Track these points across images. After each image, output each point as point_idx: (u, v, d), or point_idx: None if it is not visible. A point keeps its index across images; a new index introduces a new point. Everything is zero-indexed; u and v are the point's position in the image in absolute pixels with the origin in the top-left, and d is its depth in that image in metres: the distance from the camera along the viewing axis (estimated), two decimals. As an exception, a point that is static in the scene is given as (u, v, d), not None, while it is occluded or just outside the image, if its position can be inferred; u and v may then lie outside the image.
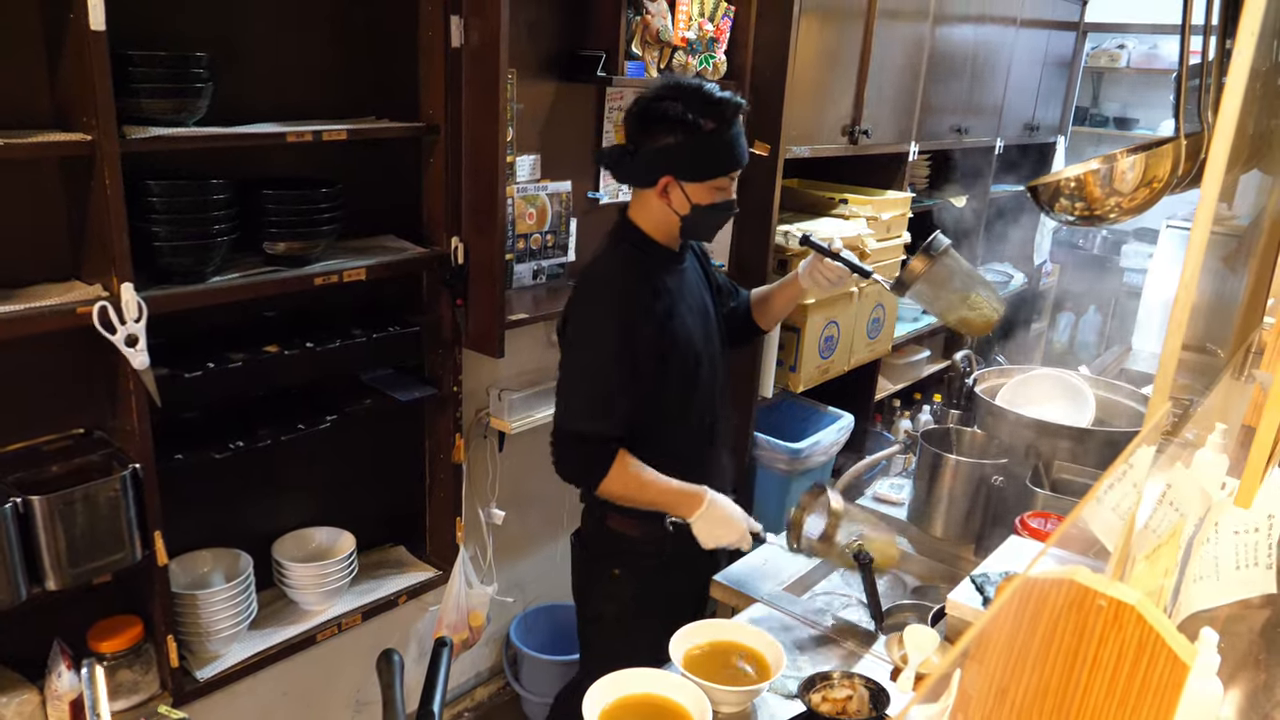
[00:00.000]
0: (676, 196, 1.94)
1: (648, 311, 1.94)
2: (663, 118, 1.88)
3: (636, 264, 1.99)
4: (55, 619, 2.11)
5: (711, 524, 2.00)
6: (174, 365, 2.03)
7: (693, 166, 1.92)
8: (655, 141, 1.90)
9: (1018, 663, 0.82)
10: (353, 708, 2.80)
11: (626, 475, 1.96)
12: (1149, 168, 1.55)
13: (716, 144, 1.91)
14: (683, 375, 2.03)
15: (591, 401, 1.95)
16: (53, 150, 1.81)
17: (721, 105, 1.89)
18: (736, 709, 1.66)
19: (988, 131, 4.44)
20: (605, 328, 1.93)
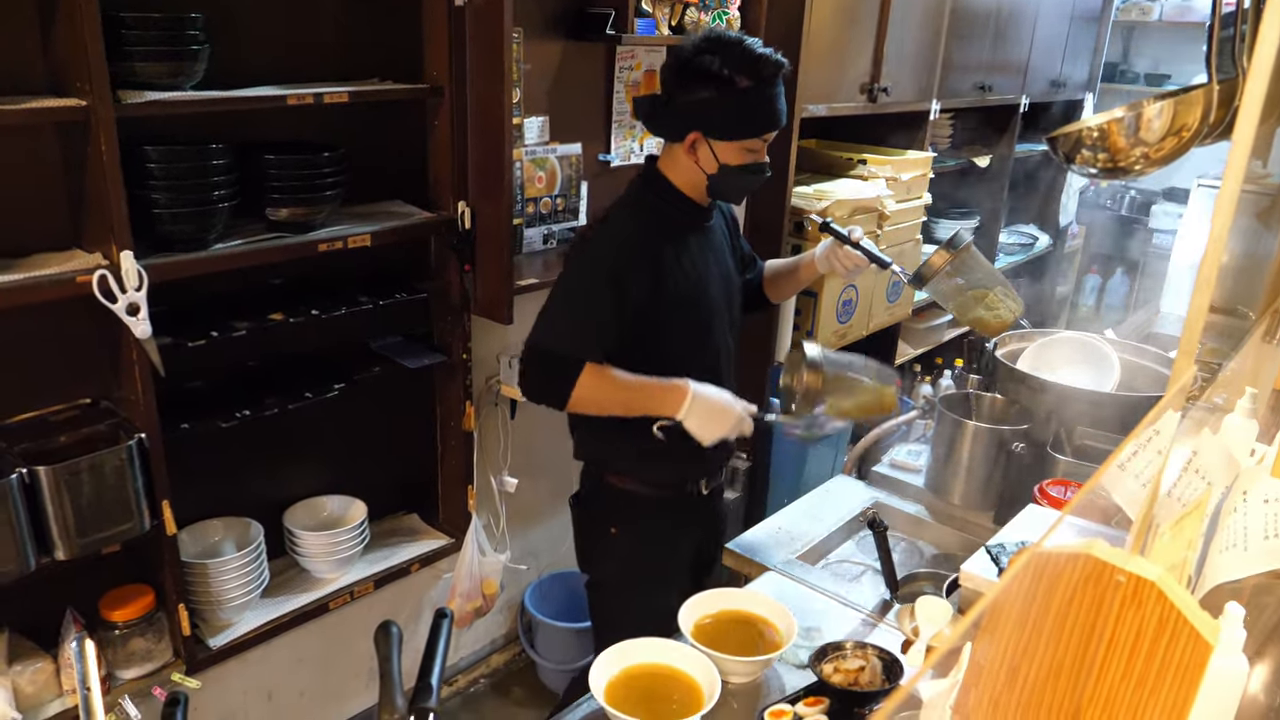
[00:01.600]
0: (704, 154, 1.88)
1: (650, 257, 1.89)
2: (698, 71, 1.82)
3: (654, 211, 1.95)
4: (67, 589, 2.11)
5: (703, 415, 1.88)
6: (177, 334, 2.01)
7: (724, 124, 1.86)
8: (689, 95, 1.84)
9: (1030, 640, 0.78)
10: (366, 675, 2.80)
11: (595, 379, 1.87)
12: (1178, 115, 1.47)
13: (751, 103, 1.84)
14: (691, 333, 1.98)
15: (570, 324, 1.89)
16: (47, 116, 1.78)
17: (759, 62, 1.81)
18: (747, 679, 1.63)
19: (1012, 89, 4.32)
20: (601, 260, 1.88)
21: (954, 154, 4.33)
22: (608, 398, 1.90)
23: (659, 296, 1.90)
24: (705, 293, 1.99)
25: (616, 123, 2.89)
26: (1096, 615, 0.73)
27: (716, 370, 2.04)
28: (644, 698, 1.51)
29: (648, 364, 1.91)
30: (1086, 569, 0.73)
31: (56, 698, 2.09)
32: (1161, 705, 0.70)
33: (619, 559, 2.14)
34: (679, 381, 1.89)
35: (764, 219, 3.12)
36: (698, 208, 1.99)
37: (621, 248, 1.88)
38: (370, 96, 2.20)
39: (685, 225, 1.98)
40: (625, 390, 1.89)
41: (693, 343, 2.00)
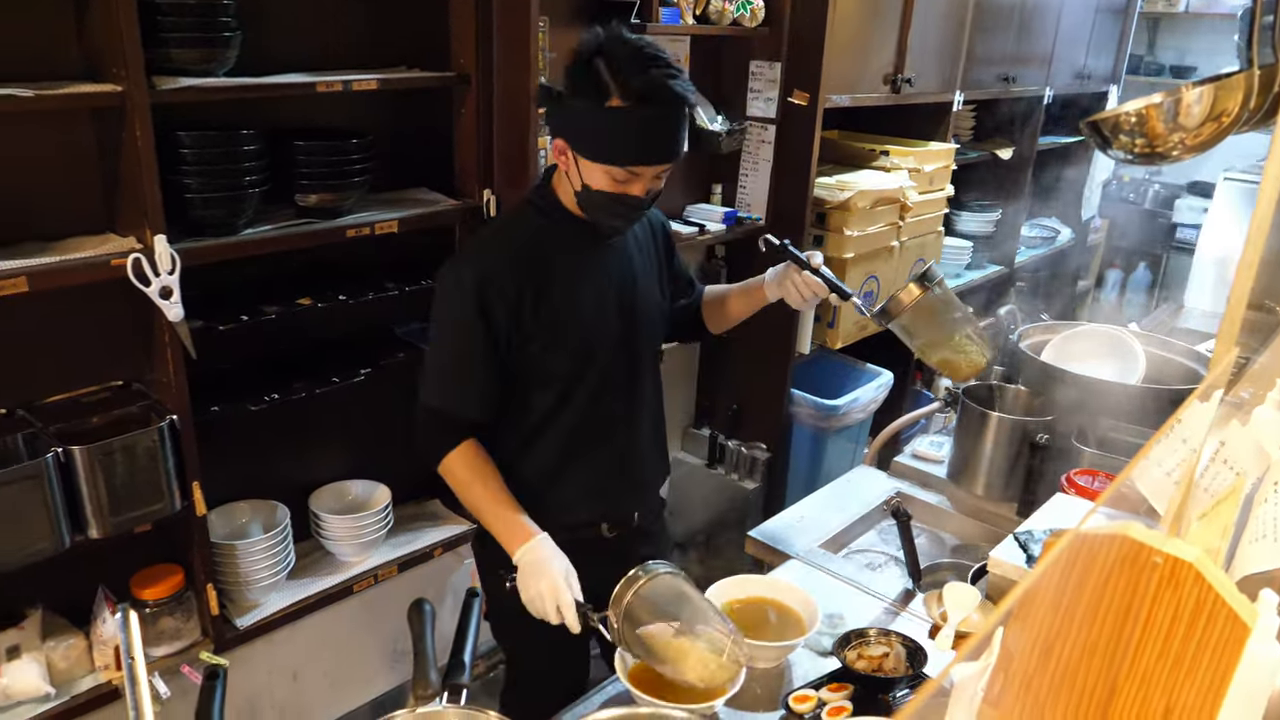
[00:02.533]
0: (571, 167, 1.65)
1: (505, 282, 1.67)
2: (582, 70, 1.58)
3: (522, 230, 1.75)
4: (99, 567, 2.15)
5: (526, 573, 1.63)
6: (208, 317, 2.04)
7: (586, 141, 1.61)
8: (569, 95, 1.62)
9: (1064, 620, 0.79)
10: (391, 657, 2.83)
11: (465, 465, 1.72)
12: (1218, 101, 1.46)
13: (622, 126, 1.57)
14: (564, 359, 1.76)
15: (440, 376, 1.74)
16: (83, 101, 1.80)
17: (642, 80, 1.54)
18: (771, 664, 1.65)
19: (1036, 80, 4.30)
20: (455, 299, 1.69)
21: (976, 146, 4.32)
22: (462, 490, 1.75)
23: (525, 325, 1.70)
24: (584, 318, 1.76)
25: (641, 112, 2.89)
26: (1132, 596, 0.74)
27: (600, 401, 1.82)
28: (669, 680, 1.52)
29: (528, 393, 1.77)
30: (1123, 550, 0.74)
31: (89, 673, 2.13)
32: (1198, 685, 0.71)
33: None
34: (532, 528, 1.68)
35: (786, 209, 3.13)
36: (585, 224, 1.73)
37: (480, 278, 1.67)
38: (398, 84, 2.22)
39: (567, 245, 1.75)
40: (476, 497, 1.73)
41: (572, 371, 1.77)
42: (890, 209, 3.32)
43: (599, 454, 1.85)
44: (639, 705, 1.34)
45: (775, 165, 3.09)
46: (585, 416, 1.80)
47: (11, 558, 1.82)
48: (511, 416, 1.78)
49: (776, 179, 3.10)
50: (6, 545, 1.81)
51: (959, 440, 2.33)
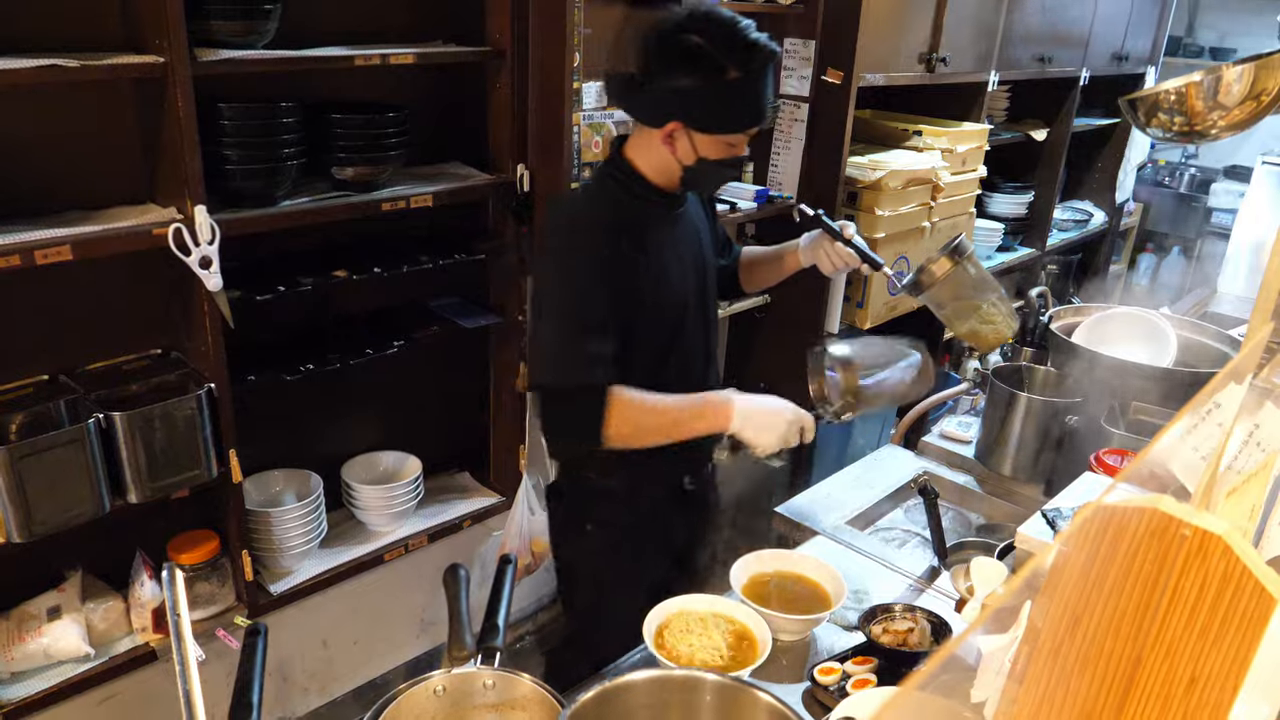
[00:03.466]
0: (683, 145, 1.70)
1: (618, 252, 1.71)
2: (684, 53, 1.61)
3: (616, 203, 1.78)
4: (138, 532, 2.20)
5: (758, 423, 1.73)
6: (246, 288, 2.07)
7: (707, 116, 1.67)
8: (670, 78, 1.64)
9: (1093, 591, 0.80)
10: (419, 626, 2.88)
11: (629, 410, 1.71)
12: (1258, 79, 1.44)
13: (739, 95, 1.65)
14: (662, 329, 1.82)
15: (572, 350, 1.71)
16: (126, 72, 1.83)
17: (753, 51, 1.63)
18: (796, 637, 1.67)
19: (1073, 61, 4.24)
20: (578, 271, 1.71)
21: (1010, 127, 4.27)
22: (647, 426, 1.75)
23: (632, 292, 1.74)
24: (673, 287, 1.82)
25: (673, 89, 2.89)
26: (1160, 568, 0.75)
27: (689, 366, 1.91)
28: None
29: (627, 361, 1.76)
30: (1153, 523, 0.75)
31: (126, 635, 2.19)
32: (1223, 656, 0.72)
33: (591, 555, 1.99)
34: (720, 395, 1.76)
35: (819, 188, 3.12)
36: (668, 196, 1.81)
37: (590, 247, 1.71)
38: (434, 59, 2.23)
39: (649, 215, 1.80)
40: (664, 415, 1.74)
41: (666, 336, 1.84)
42: (922, 189, 3.30)
43: None
44: (671, 669, 1.36)
45: (807, 144, 3.08)
46: (674, 379, 1.83)
47: (53, 520, 1.87)
48: None
49: (808, 157, 3.09)
50: (48, 508, 1.86)
51: (987, 421, 2.33)
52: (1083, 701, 0.83)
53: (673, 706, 1.24)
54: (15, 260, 1.72)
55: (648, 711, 1.23)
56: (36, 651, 2.04)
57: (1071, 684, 0.84)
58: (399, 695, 1.21)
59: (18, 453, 1.79)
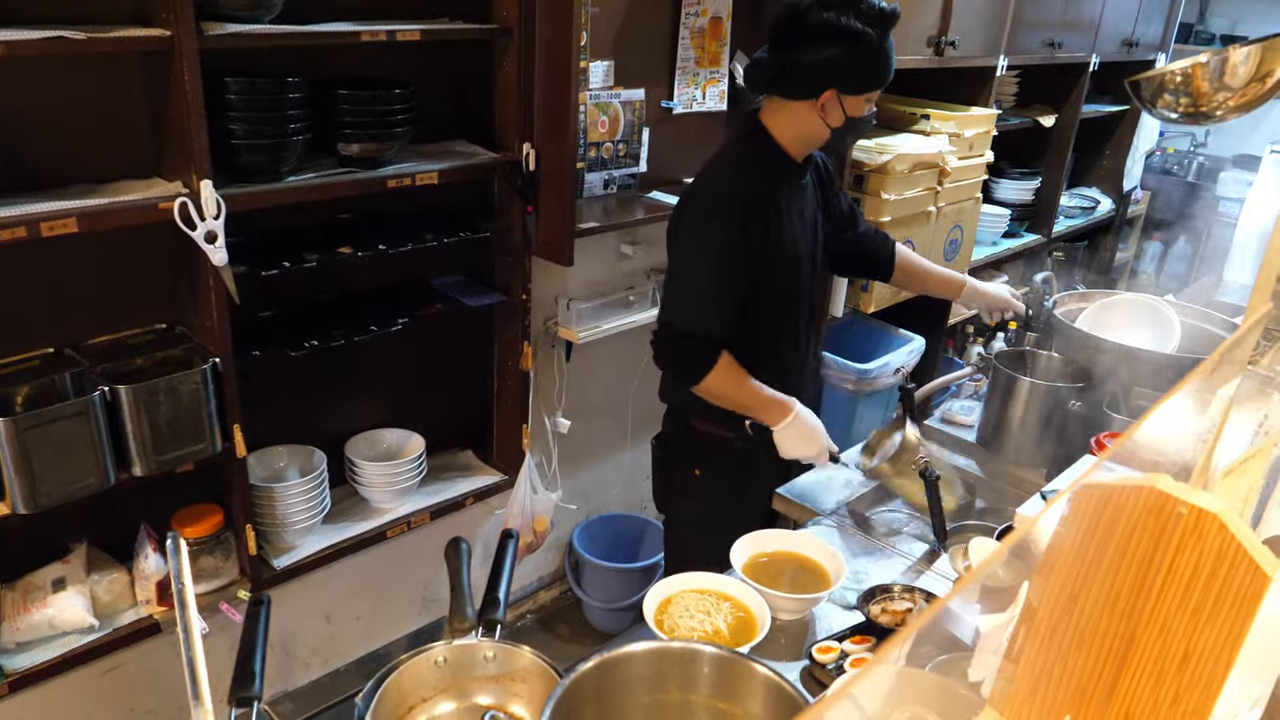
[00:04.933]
0: (834, 109, 1.91)
1: (761, 217, 1.93)
2: (824, 27, 1.82)
3: (758, 170, 1.97)
4: (142, 505, 2.21)
5: (795, 436, 2.02)
6: (251, 263, 2.07)
7: (857, 79, 1.88)
8: (818, 52, 1.84)
9: (1090, 569, 0.80)
10: (420, 602, 2.90)
11: (727, 375, 1.96)
12: (1264, 61, 1.44)
13: (879, 54, 1.87)
14: (784, 289, 2.03)
15: (698, 300, 1.95)
16: (132, 45, 1.83)
17: (883, 14, 1.84)
18: (795, 616, 1.68)
19: (1082, 47, 4.22)
20: (717, 228, 1.91)
21: (1019, 112, 4.25)
22: (729, 395, 2.00)
23: (765, 254, 1.94)
24: (799, 249, 2.03)
25: (680, 69, 2.89)
26: (1156, 546, 0.75)
27: (796, 326, 2.12)
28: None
29: (747, 318, 1.98)
30: (1150, 501, 0.75)
31: (130, 607, 2.21)
32: (1216, 632, 0.72)
33: (699, 500, 2.22)
34: (789, 400, 2.02)
35: (824, 171, 3.11)
36: (795, 164, 2.01)
37: (736, 210, 1.91)
38: (441, 35, 2.23)
39: (783, 182, 2.00)
40: (745, 394, 2.00)
41: (788, 298, 2.06)
42: (929, 174, 3.30)
43: (790, 375, 2.13)
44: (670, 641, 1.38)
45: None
46: (788, 340, 2.11)
47: (58, 492, 1.89)
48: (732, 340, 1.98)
49: (814, 140, 3.08)
50: (54, 480, 1.87)
51: (990, 405, 2.33)
52: (1078, 679, 0.83)
53: (671, 678, 1.25)
54: (21, 232, 1.72)
55: (646, 683, 1.24)
56: (41, 622, 2.06)
57: (1068, 662, 0.84)
58: (400, 665, 1.22)
59: (23, 424, 1.80)
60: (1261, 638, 0.73)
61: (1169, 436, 1.16)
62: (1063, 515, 0.84)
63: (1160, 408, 1.02)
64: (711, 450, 2.17)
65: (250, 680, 1.15)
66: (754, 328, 2.01)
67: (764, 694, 1.22)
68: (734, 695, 1.25)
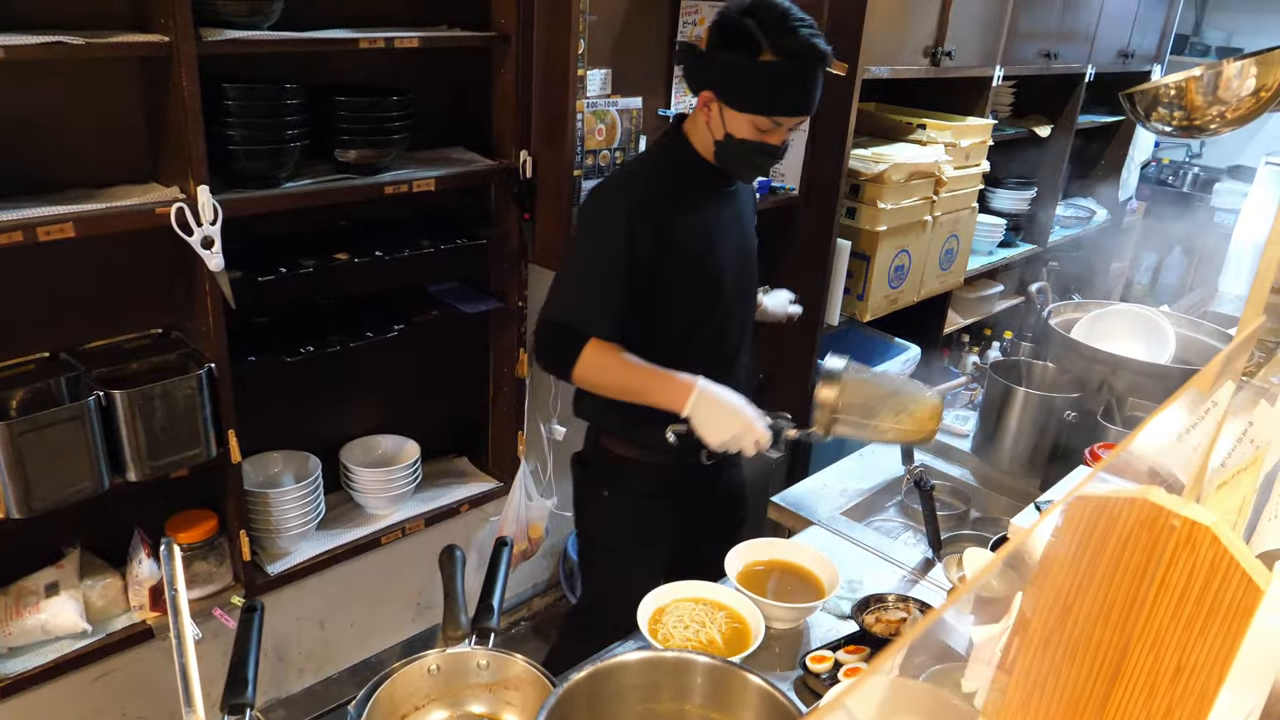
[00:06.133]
0: (714, 116, 1.81)
1: (656, 216, 1.81)
2: (731, 30, 1.76)
3: (667, 171, 1.89)
4: (136, 510, 2.21)
5: (711, 415, 1.76)
6: (247, 269, 2.07)
7: (735, 91, 1.77)
8: (717, 52, 1.79)
9: (1083, 581, 0.80)
10: (415, 609, 2.89)
11: (602, 356, 1.80)
12: (1258, 75, 1.45)
13: (772, 80, 1.75)
14: (697, 304, 1.92)
15: (574, 293, 1.85)
16: (131, 50, 1.83)
17: (792, 39, 1.72)
18: (789, 625, 1.68)
19: (1078, 58, 4.24)
20: (602, 223, 1.83)
21: (1015, 122, 4.27)
22: (612, 379, 1.84)
23: (665, 258, 1.83)
24: (715, 258, 1.92)
25: (677, 78, 2.89)
26: (1149, 559, 0.76)
27: (724, 341, 2.00)
28: (689, 636, 1.55)
29: (653, 329, 1.87)
30: (1142, 513, 0.76)
31: (124, 612, 2.20)
32: (1209, 646, 0.72)
33: (607, 522, 2.11)
34: (688, 376, 1.79)
35: (820, 181, 3.11)
36: (716, 171, 1.91)
37: (632, 208, 1.80)
38: (439, 42, 2.23)
39: (699, 189, 1.90)
40: (630, 373, 1.81)
41: (699, 309, 1.93)
42: (925, 183, 3.30)
43: (730, 385, 1.94)
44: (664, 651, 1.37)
45: (811, 135, 3.08)
46: (710, 354, 1.95)
47: (52, 497, 1.88)
48: (640, 352, 1.86)
49: (811, 149, 3.09)
50: (48, 484, 1.87)
51: (985, 415, 2.34)
52: (1071, 691, 0.84)
53: (664, 688, 1.25)
54: (18, 237, 1.72)
55: (639, 692, 1.24)
56: (34, 627, 2.05)
57: (1061, 673, 0.85)
58: (394, 673, 1.22)
59: (18, 428, 1.79)
60: (1254, 651, 0.74)
61: (1163, 448, 1.17)
62: (1056, 527, 0.85)
63: (1154, 420, 1.02)
64: (622, 471, 2.04)
65: (242, 687, 1.15)
66: (666, 335, 1.90)
67: (757, 704, 1.22)
68: (727, 705, 1.25)
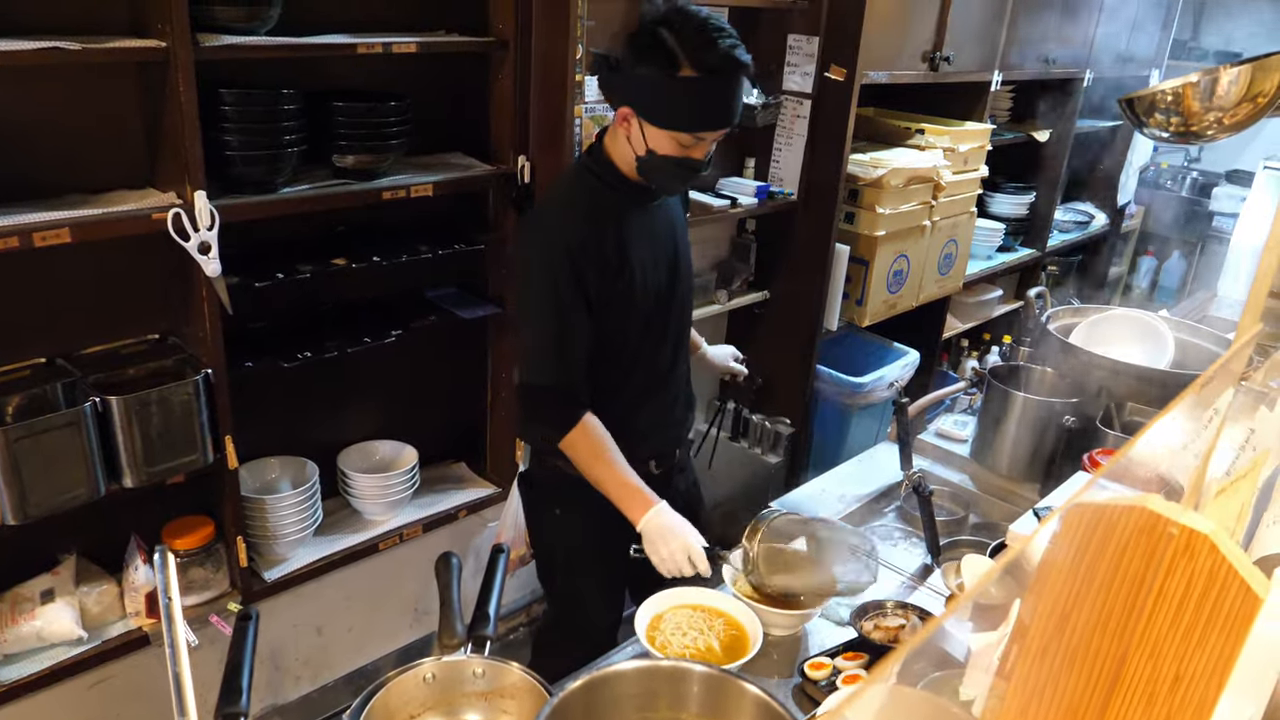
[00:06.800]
0: (635, 133, 1.73)
1: (595, 259, 1.77)
2: (647, 42, 1.66)
3: (589, 192, 1.82)
4: (133, 516, 2.20)
5: (657, 534, 1.74)
6: (245, 274, 2.07)
7: (654, 108, 1.69)
8: (633, 65, 1.69)
9: (1082, 588, 0.80)
10: (413, 615, 2.88)
11: (587, 441, 1.81)
12: (1254, 81, 1.44)
13: (692, 95, 1.67)
14: (631, 320, 1.87)
15: (543, 353, 1.80)
16: (128, 56, 1.83)
17: (712, 53, 1.64)
18: (787, 632, 1.67)
19: (1077, 62, 4.24)
20: (551, 272, 1.75)
21: (1013, 127, 4.27)
22: (589, 465, 1.83)
23: (606, 285, 1.80)
24: (649, 276, 1.87)
25: (676, 83, 2.89)
26: (1147, 567, 0.75)
27: (656, 359, 1.96)
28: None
29: (600, 351, 1.85)
30: (1141, 521, 0.75)
31: (120, 619, 2.19)
32: (1207, 655, 0.72)
33: (563, 540, 2.08)
34: (651, 496, 1.78)
35: (819, 186, 3.12)
36: (641, 187, 1.83)
37: (572, 249, 1.75)
38: (437, 48, 2.23)
39: (628, 207, 1.84)
40: (607, 469, 1.81)
41: (637, 325, 1.89)
42: (924, 188, 3.31)
43: (654, 401, 2.00)
44: (659, 659, 1.37)
45: (809, 140, 3.08)
46: (645, 368, 1.94)
47: (48, 503, 1.88)
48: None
49: (810, 154, 3.09)
50: (44, 490, 1.86)
51: (983, 420, 2.33)
52: (1070, 699, 0.83)
53: (660, 696, 1.24)
54: (14, 242, 1.72)
55: (635, 701, 1.23)
56: (29, 634, 2.04)
57: (1059, 682, 0.84)
58: (389, 682, 1.22)
59: (14, 434, 1.79)
60: (1253, 659, 0.73)
61: (1162, 455, 1.16)
62: (1054, 534, 0.84)
63: (1153, 426, 1.02)
64: (569, 489, 1.94)
65: (236, 696, 1.14)
66: (613, 357, 1.88)
67: (753, 713, 1.22)
68: (723, 714, 1.24)
